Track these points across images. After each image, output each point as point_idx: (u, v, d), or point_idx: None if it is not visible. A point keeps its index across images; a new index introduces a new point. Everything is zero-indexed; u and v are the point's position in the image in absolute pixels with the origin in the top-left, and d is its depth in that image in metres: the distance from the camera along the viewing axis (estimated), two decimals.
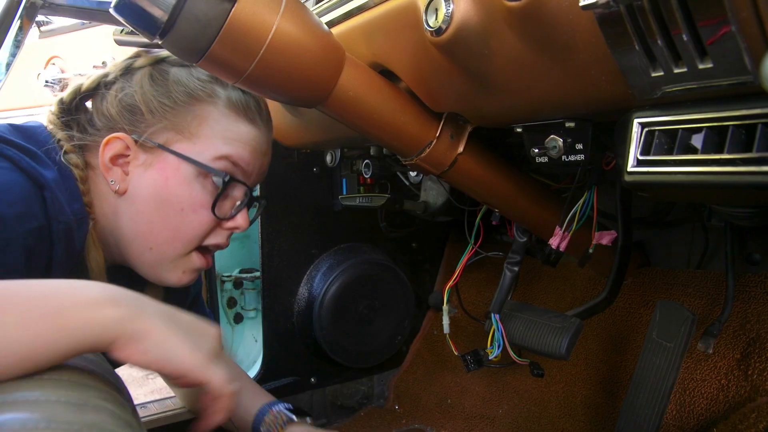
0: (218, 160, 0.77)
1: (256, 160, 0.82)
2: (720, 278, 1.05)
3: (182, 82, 0.77)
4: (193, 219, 0.77)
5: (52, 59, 1.62)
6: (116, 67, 0.80)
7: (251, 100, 0.81)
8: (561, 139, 0.70)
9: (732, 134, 0.50)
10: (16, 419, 0.39)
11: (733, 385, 0.94)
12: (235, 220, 0.81)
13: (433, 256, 1.59)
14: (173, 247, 0.78)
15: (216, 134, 0.77)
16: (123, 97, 0.77)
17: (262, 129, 0.82)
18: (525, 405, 1.27)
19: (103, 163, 0.75)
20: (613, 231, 0.87)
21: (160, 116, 0.76)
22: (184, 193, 0.76)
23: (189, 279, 0.82)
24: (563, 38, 0.54)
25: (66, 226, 0.68)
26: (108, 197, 0.77)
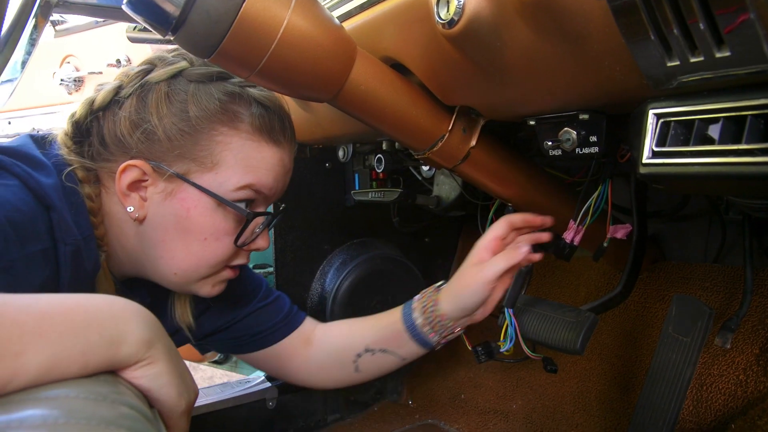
0: (241, 190, 0.74)
1: (279, 182, 0.79)
2: (738, 272, 1.03)
3: (202, 104, 0.72)
4: (217, 247, 0.76)
5: (66, 58, 1.63)
6: (129, 79, 0.75)
7: (275, 120, 0.77)
8: (575, 132, 0.69)
9: (750, 124, 0.49)
10: (37, 415, 0.39)
11: (752, 381, 0.93)
12: (256, 242, 0.81)
13: (446, 250, 1.58)
14: (198, 273, 0.78)
15: (238, 162, 0.73)
16: (138, 121, 0.72)
17: (286, 148, 0.79)
18: (539, 400, 1.26)
19: (121, 190, 0.72)
20: (628, 224, 0.86)
21: (178, 144, 0.71)
22: (206, 222, 0.74)
23: (219, 290, 0.82)
24: (576, 28, 0.53)
25: (74, 247, 0.65)
26: (127, 222, 0.74)
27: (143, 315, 0.54)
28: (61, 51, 1.64)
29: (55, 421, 0.39)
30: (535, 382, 1.29)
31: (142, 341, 0.51)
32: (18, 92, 1.85)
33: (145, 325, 0.53)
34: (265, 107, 0.76)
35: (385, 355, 0.97)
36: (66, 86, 1.59)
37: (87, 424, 0.40)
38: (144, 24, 0.59)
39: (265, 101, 0.77)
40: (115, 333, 0.50)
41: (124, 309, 0.53)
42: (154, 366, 0.52)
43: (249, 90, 0.75)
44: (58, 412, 0.40)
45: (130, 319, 0.52)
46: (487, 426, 1.31)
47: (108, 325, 0.50)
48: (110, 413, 0.42)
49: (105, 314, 0.51)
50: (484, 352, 0.94)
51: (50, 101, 1.72)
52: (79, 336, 0.48)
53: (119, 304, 0.53)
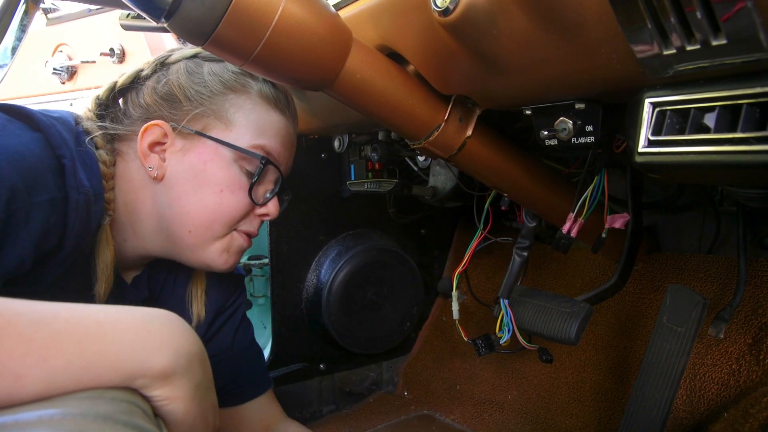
0: (252, 149, 0.79)
1: (287, 151, 0.85)
2: (731, 263, 1.04)
3: (217, 73, 0.80)
4: (232, 200, 0.79)
5: (59, 47, 1.61)
6: (149, 63, 0.83)
7: (281, 94, 0.84)
8: (571, 121, 0.69)
9: (746, 112, 0.49)
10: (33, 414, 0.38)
11: (745, 370, 0.94)
12: (267, 206, 0.84)
13: (442, 242, 1.58)
14: (212, 229, 0.79)
15: (250, 123, 0.80)
16: (160, 87, 0.79)
17: (290, 121, 0.86)
18: (534, 391, 1.27)
19: (142, 150, 0.77)
20: (625, 214, 0.86)
21: (197, 103, 0.78)
22: (223, 174, 0.78)
23: (231, 261, 0.83)
24: (573, 16, 0.53)
25: (86, 197, 0.67)
26: (141, 188, 0.78)
27: (172, 340, 0.49)
28: (54, 39, 1.62)
29: (51, 418, 0.38)
30: (530, 372, 1.29)
31: (159, 374, 0.47)
32: (10, 81, 1.83)
33: (170, 353, 0.48)
34: (272, 83, 0.84)
35: None
36: (59, 75, 1.58)
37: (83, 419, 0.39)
38: (137, 10, 0.59)
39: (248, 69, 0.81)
40: (131, 365, 0.46)
41: (150, 333, 0.48)
42: (171, 404, 0.48)
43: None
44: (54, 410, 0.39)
45: (154, 346, 0.47)
46: (483, 417, 1.31)
47: (126, 351, 0.46)
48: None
49: (127, 338, 0.47)
50: (484, 344, 0.94)
51: (43, 90, 1.70)
52: (90, 365, 0.44)
53: (151, 324, 0.49)
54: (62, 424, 0.38)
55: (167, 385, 0.47)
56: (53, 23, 1.65)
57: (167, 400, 0.48)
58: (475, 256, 1.09)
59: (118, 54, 1.41)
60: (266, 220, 0.86)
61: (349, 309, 1.34)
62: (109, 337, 0.46)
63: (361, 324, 1.37)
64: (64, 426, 0.38)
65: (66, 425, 0.38)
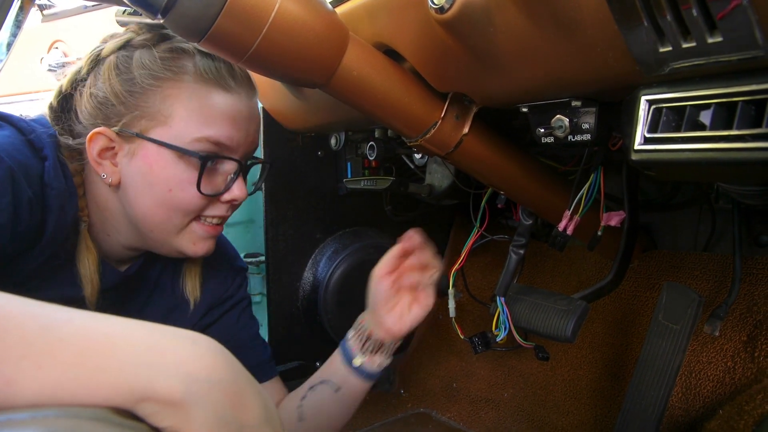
0: (197, 142, 0.76)
1: (241, 130, 0.80)
2: (727, 261, 1.04)
3: (146, 65, 0.76)
4: (183, 197, 0.78)
5: (55, 43, 1.61)
6: (86, 59, 0.80)
7: (222, 64, 0.78)
8: (567, 119, 0.69)
9: (741, 110, 0.49)
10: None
11: (740, 368, 0.94)
12: (231, 191, 0.82)
13: (439, 240, 1.58)
14: (172, 224, 0.80)
15: (191, 114, 0.76)
16: (95, 92, 0.77)
17: (240, 93, 0.80)
18: (530, 388, 1.27)
19: (92, 158, 0.77)
20: (621, 211, 0.86)
21: (132, 105, 0.76)
22: (169, 175, 0.77)
23: (204, 247, 0.84)
24: (569, 14, 0.53)
25: (59, 192, 0.71)
26: (106, 192, 0.80)
27: (188, 362, 0.41)
28: (49, 36, 1.61)
29: (44, 417, 0.37)
30: (526, 370, 1.30)
31: (166, 401, 0.39)
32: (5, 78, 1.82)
33: (181, 377, 0.40)
34: (210, 56, 0.78)
35: (323, 386, 0.95)
36: (54, 72, 1.57)
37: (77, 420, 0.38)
38: (133, 7, 0.58)
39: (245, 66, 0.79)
40: (132, 385, 0.39)
41: (163, 352, 0.41)
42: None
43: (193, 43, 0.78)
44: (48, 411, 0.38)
45: (164, 367, 0.40)
46: (479, 414, 1.32)
47: (129, 369, 0.40)
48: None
49: (133, 354, 0.40)
50: (480, 342, 0.94)
51: (38, 87, 1.69)
52: (87, 379, 0.39)
53: (167, 342, 0.42)
54: (55, 423, 0.37)
55: (177, 416, 0.40)
56: (49, 20, 1.64)
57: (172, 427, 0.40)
58: (472, 254, 1.09)
59: None
60: (236, 203, 0.84)
61: (346, 307, 1.34)
62: (113, 351, 0.41)
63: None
64: (57, 426, 0.37)
65: (59, 425, 0.37)
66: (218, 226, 0.85)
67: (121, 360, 0.40)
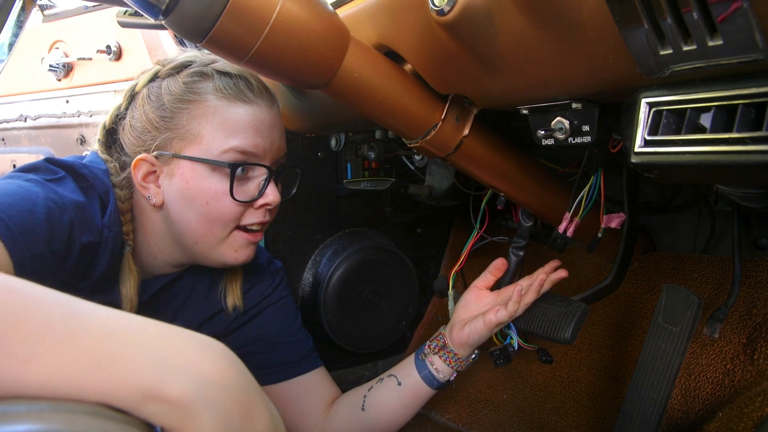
0: (226, 153, 0.82)
1: (265, 138, 0.85)
2: (726, 263, 1.04)
3: (172, 91, 0.84)
4: (220, 207, 0.83)
5: (55, 43, 1.61)
6: (125, 96, 0.89)
7: (239, 81, 0.85)
8: (567, 121, 0.69)
9: (741, 113, 0.49)
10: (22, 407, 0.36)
11: (739, 370, 0.94)
12: (265, 196, 0.86)
13: (438, 241, 1.58)
14: (214, 234, 0.85)
15: (216, 128, 0.82)
16: (133, 123, 0.86)
17: (259, 103, 0.85)
18: (530, 390, 1.27)
19: (138, 183, 0.84)
20: (621, 213, 0.86)
21: (164, 129, 0.83)
22: (204, 188, 0.82)
23: (245, 255, 0.88)
24: (570, 16, 0.53)
25: (114, 234, 0.78)
26: (153, 214, 0.87)
27: (201, 365, 0.41)
28: (50, 36, 1.61)
29: (40, 411, 0.37)
30: (525, 372, 1.30)
31: (175, 402, 0.39)
32: (6, 78, 1.82)
33: (192, 379, 0.40)
34: (228, 74, 0.85)
35: (389, 379, 1.00)
36: (55, 72, 1.57)
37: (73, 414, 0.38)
38: (135, 7, 0.59)
39: (227, 69, 0.85)
40: (143, 380, 0.39)
41: (177, 351, 0.42)
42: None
43: (211, 66, 0.85)
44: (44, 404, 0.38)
45: (176, 366, 0.40)
46: (478, 416, 1.32)
47: (142, 362, 0.40)
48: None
49: (148, 348, 0.41)
50: (501, 356, 0.94)
51: (39, 87, 1.70)
52: (100, 365, 0.39)
53: (181, 342, 0.42)
54: (52, 417, 0.37)
55: (185, 418, 0.39)
56: (50, 20, 1.64)
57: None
58: (472, 255, 1.09)
59: (115, 51, 1.41)
60: (270, 208, 0.88)
61: (345, 308, 1.34)
62: (130, 344, 0.41)
63: (356, 323, 1.37)
64: (53, 420, 0.37)
65: (55, 419, 0.37)
66: (258, 233, 0.89)
67: (136, 353, 0.41)
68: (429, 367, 0.97)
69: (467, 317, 0.95)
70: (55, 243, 0.67)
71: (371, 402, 1.00)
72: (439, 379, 0.97)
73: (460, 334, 0.93)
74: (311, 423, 1.03)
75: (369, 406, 1.00)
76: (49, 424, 0.36)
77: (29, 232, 0.63)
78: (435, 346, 0.97)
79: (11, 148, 1.93)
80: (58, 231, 0.68)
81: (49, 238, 0.66)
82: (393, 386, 0.99)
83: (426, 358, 0.98)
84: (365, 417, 1.00)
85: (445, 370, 0.96)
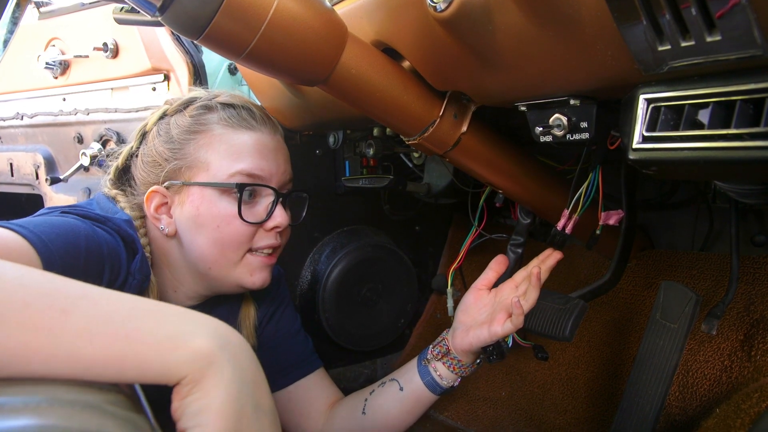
0: (233, 177, 0.85)
1: (270, 161, 0.88)
2: (724, 260, 1.04)
3: (180, 125, 0.88)
4: (230, 230, 0.85)
5: (52, 41, 1.60)
6: (134, 138, 0.93)
7: (242, 112, 0.89)
8: (565, 118, 0.69)
9: (739, 109, 0.49)
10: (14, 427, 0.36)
11: (737, 366, 0.94)
12: (273, 218, 0.88)
13: (437, 239, 1.58)
14: (227, 258, 0.87)
15: (222, 155, 0.86)
16: (145, 158, 0.90)
17: (263, 129, 0.89)
18: (528, 387, 1.27)
19: (151, 215, 0.87)
20: (620, 210, 0.86)
21: (173, 159, 0.87)
22: (214, 213, 0.85)
23: (262, 277, 0.89)
24: (568, 12, 0.53)
25: (140, 281, 0.80)
26: (167, 245, 0.88)
27: (222, 329, 0.47)
28: (46, 34, 1.60)
29: (37, 405, 0.37)
30: (523, 369, 1.30)
31: (203, 351, 0.44)
32: (2, 76, 1.81)
33: (212, 337, 0.45)
34: (231, 105, 0.89)
35: (391, 383, 1.00)
36: (51, 70, 1.56)
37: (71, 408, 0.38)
38: (131, 4, 0.58)
39: (231, 100, 0.90)
40: (180, 329, 0.45)
41: (200, 317, 0.48)
42: (204, 398, 0.43)
43: (215, 99, 0.90)
44: (41, 397, 0.38)
45: (203, 324, 0.47)
46: (476, 413, 1.32)
47: (175, 317, 0.46)
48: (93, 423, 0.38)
49: (175, 310, 0.47)
50: (495, 352, 0.93)
51: (35, 85, 1.69)
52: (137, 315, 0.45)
53: (197, 317, 0.48)
54: (49, 412, 0.37)
55: (209, 369, 0.44)
56: (46, 17, 1.63)
57: (200, 395, 0.43)
58: (470, 253, 1.09)
59: (112, 49, 1.40)
60: (278, 231, 0.89)
61: (344, 306, 1.34)
62: (159, 307, 0.48)
63: (355, 321, 1.37)
64: (50, 414, 0.37)
65: (52, 413, 0.37)
66: (271, 256, 0.90)
67: (166, 311, 0.47)
68: (432, 374, 0.96)
69: (469, 321, 0.94)
70: (90, 276, 0.70)
71: (372, 406, 1.00)
72: (443, 386, 0.96)
73: (463, 342, 0.92)
74: (312, 425, 1.03)
75: (370, 411, 0.99)
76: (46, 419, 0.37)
77: (70, 261, 0.67)
78: (438, 352, 0.96)
79: (8, 146, 1.92)
80: (94, 265, 0.71)
81: (84, 269, 0.69)
82: (395, 391, 0.99)
83: (429, 364, 0.97)
84: (366, 421, 0.99)
85: (449, 376, 0.96)
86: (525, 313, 0.86)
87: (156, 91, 1.35)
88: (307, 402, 1.04)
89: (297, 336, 1.07)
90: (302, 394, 1.04)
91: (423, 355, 0.99)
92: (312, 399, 1.04)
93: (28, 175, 1.79)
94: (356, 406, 1.01)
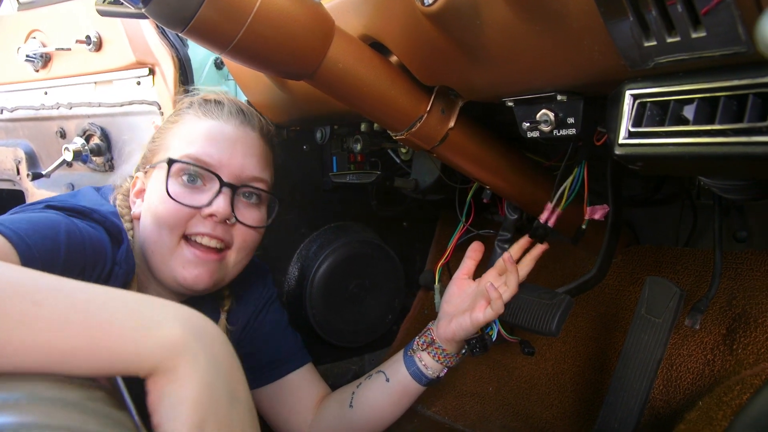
0: (181, 159, 0.87)
1: (222, 150, 0.88)
2: (707, 256, 1.06)
3: (168, 118, 0.95)
4: (164, 209, 0.86)
5: (32, 33, 1.57)
6: None
7: (212, 104, 0.93)
8: (552, 113, 0.69)
9: (724, 105, 0.50)
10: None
11: (719, 360, 0.96)
12: (210, 206, 0.86)
13: (424, 235, 1.58)
14: (163, 242, 0.86)
15: (182, 139, 0.90)
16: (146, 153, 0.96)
17: (229, 121, 0.91)
18: (515, 382, 1.28)
19: (132, 200, 0.93)
20: (605, 205, 0.87)
21: (154, 147, 0.93)
22: (157, 190, 0.87)
23: (195, 274, 0.86)
24: (555, 7, 0.53)
25: (126, 270, 0.80)
26: (137, 230, 0.90)
27: (195, 319, 0.47)
28: (26, 25, 1.56)
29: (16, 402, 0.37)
30: (510, 364, 1.31)
31: (169, 343, 0.44)
32: None
33: (184, 325, 0.45)
34: (210, 100, 0.94)
35: (378, 375, 1.00)
36: (32, 62, 1.53)
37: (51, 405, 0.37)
38: None
39: (211, 96, 0.95)
40: (153, 318, 0.45)
41: (174, 305, 0.48)
42: (178, 389, 0.43)
43: (200, 95, 0.95)
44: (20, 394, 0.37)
45: (176, 314, 0.46)
46: (464, 408, 1.32)
47: (148, 307, 0.47)
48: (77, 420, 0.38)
49: (149, 300, 0.48)
50: (478, 344, 0.93)
51: (15, 78, 1.66)
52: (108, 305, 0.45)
53: (160, 300, 0.48)
54: (29, 409, 0.37)
55: (181, 357, 0.44)
56: (25, 8, 1.60)
57: (173, 382, 0.43)
58: (457, 249, 1.09)
59: (95, 42, 1.38)
60: (216, 220, 0.86)
61: (331, 302, 1.34)
62: (130, 296, 0.49)
63: (342, 317, 1.37)
64: (30, 412, 0.36)
65: (32, 411, 0.36)
66: (209, 252, 0.87)
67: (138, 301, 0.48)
68: (417, 363, 0.96)
69: (453, 311, 0.95)
70: (72, 270, 0.70)
71: (360, 399, 1.00)
72: (428, 376, 0.96)
73: (447, 331, 0.93)
74: (300, 420, 1.03)
75: (357, 403, 1.00)
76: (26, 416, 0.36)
77: (49, 256, 0.66)
78: (423, 342, 0.97)
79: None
80: (75, 257, 0.71)
81: (65, 264, 0.68)
82: (381, 383, 0.99)
83: (414, 354, 0.98)
84: (354, 414, 0.99)
85: (434, 366, 0.96)
86: (507, 300, 0.87)
87: (141, 86, 1.33)
88: (295, 397, 1.04)
89: (285, 331, 1.07)
90: (291, 389, 1.04)
91: (409, 346, 0.99)
92: (301, 394, 1.04)
93: (9, 171, 1.76)
94: (344, 400, 1.01)
